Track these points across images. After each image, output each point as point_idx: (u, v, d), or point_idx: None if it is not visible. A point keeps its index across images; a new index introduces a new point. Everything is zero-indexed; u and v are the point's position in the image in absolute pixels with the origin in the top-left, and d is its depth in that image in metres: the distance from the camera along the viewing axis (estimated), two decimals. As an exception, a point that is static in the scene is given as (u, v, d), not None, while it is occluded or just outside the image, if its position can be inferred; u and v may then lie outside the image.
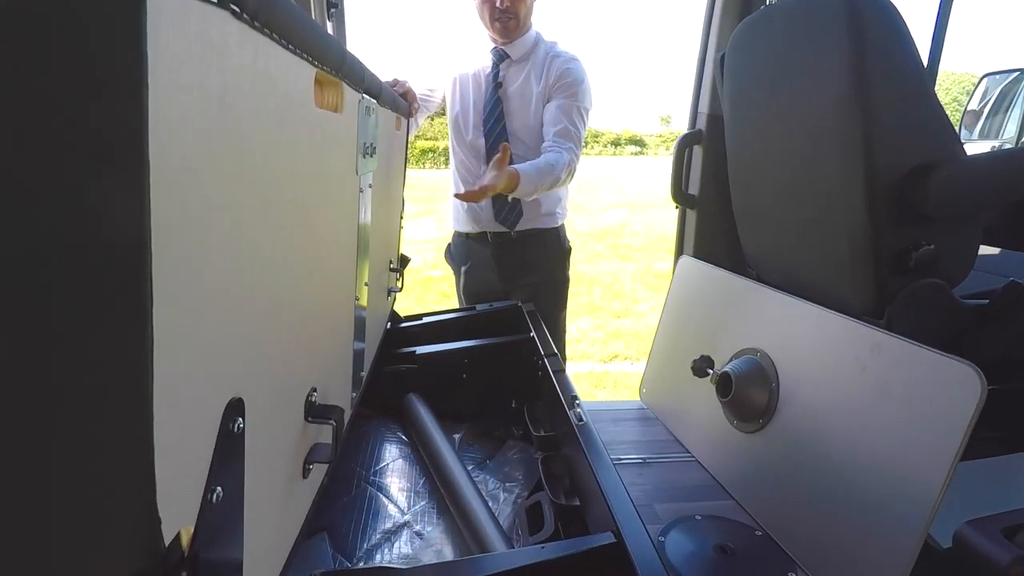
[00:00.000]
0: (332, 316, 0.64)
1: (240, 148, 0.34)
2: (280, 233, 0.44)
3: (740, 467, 1.26)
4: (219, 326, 0.34)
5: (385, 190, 1.00)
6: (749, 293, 1.35)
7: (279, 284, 0.44)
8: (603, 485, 0.67)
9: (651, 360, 1.73)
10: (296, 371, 0.51)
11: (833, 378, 1.05)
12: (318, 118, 0.50)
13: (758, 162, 1.26)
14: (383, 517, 0.96)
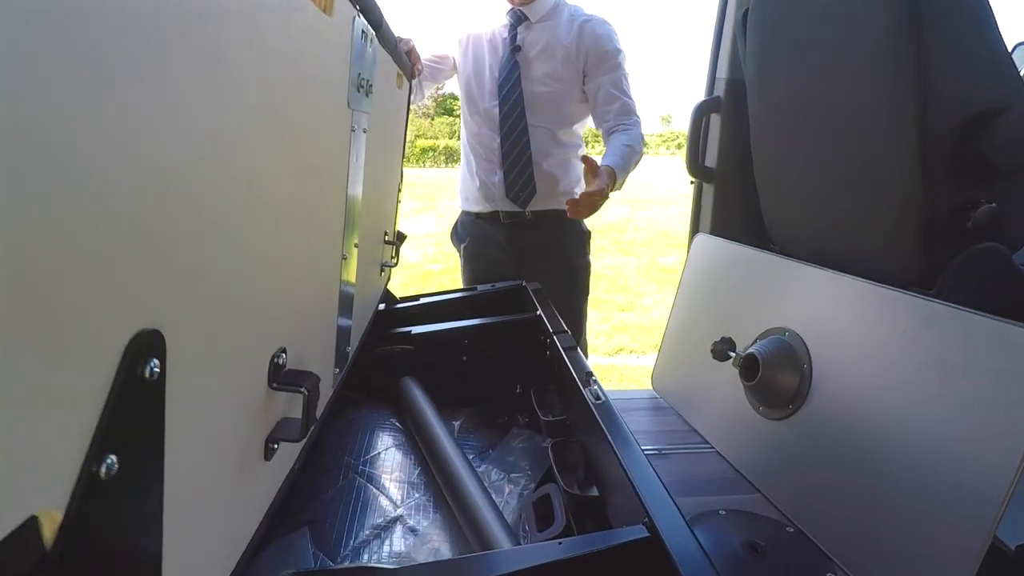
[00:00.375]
0: (310, 265, 0.53)
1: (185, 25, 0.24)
2: (235, 130, 0.33)
3: (767, 458, 1.15)
4: (128, 228, 0.23)
5: (381, 150, 0.89)
6: (775, 269, 1.24)
7: (236, 194, 0.34)
8: (630, 471, 0.56)
9: (664, 346, 1.62)
10: (256, 320, 0.40)
11: (876, 356, 0.94)
12: (303, 8, 0.39)
13: (787, 125, 1.15)
14: (373, 511, 0.85)
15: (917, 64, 0.82)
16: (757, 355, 1.12)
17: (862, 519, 0.92)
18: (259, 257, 0.40)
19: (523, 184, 1.52)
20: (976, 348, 0.78)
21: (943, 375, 0.83)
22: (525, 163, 1.51)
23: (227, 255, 0.34)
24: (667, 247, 6.65)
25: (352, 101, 0.59)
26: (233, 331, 0.36)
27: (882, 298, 0.94)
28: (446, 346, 1.15)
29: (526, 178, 1.51)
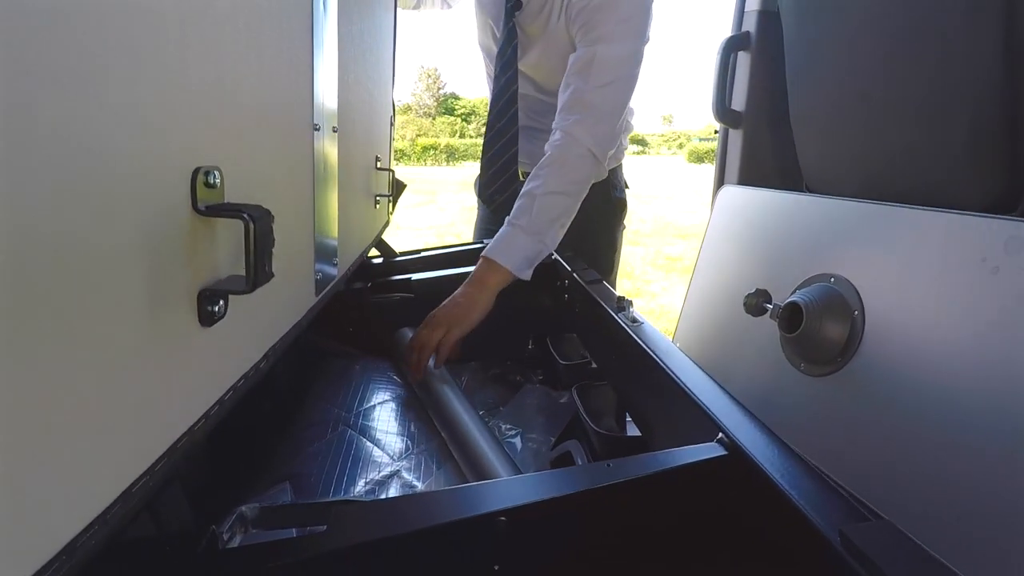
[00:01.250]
0: (263, 87, 0.40)
1: None
2: None
3: (811, 420, 1.02)
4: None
5: (360, 49, 0.76)
6: (816, 211, 1.11)
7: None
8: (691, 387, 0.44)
9: (687, 305, 1.49)
10: (165, 123, 0.27)
11: (947, 292, 0.82)
12: None
13: (835, 54, 1.03)
14: (366, 464, 0.73)
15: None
16: (800, 303, 1.00)
17: (926, 489, 0.79)
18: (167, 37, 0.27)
19: (499, 188, 1.27)
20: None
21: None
22: (505, 164, 1.25)
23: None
24: (673, 237, 6.52)
25: None
26: (120, 126, 0.24)
27: (952, 225, 0.81)
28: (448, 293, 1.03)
29: (503, 182, 1.26)
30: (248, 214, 0.31)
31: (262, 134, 0.39)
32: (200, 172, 0.30)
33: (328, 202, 0.60)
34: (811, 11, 1.08)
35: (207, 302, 0.32)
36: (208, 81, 0.32)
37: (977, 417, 0.74)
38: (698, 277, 1.40)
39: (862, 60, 0.97)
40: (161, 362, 0.28)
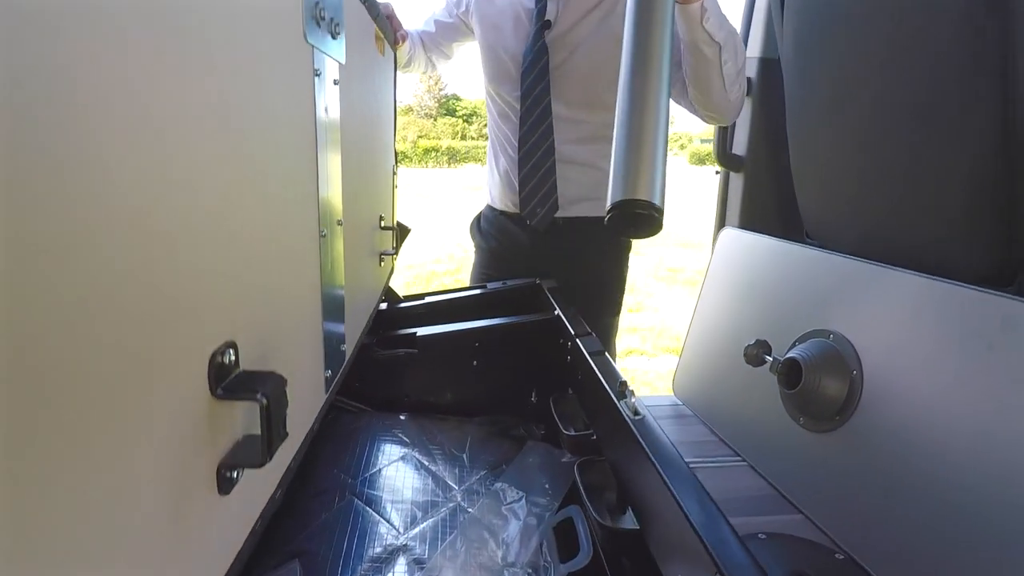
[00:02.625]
0: (270, 237, 0.42)
1: None
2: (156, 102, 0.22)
3: (809, 474, 1.04)
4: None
5: (366, 123, 0.78)
6: (816, 265, 1.12)
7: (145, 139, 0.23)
8: (688, 508, 0.45)
9: (687, 350, 1.50)
10: (181, 305, 0.29)
11: (942, 363, 0.83)
12: None
13: (834, 106, 1.04)
14: (373, 540, 0.74)
15: (1004, 35, 0.70)
16: (799, 359, 1.01)
17: (925, 547, 0.80)
18: (183, 229, 0.29)
19: (541, 199, 1.30)
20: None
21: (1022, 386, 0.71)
22: (546, 172, 1.29)
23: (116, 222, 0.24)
24: (674, 247, 6.53)
25: (311, 35, 0.48)
26: (137, 319, 0.26)
27: (951, 296, 0.83)
28: (454, 349, 1.04)
29: (545, 191, 1.29)
30: (263, 393, 0.32)
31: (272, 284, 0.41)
32: (216, 355, 0.32)
33: (334, 296, 0.62)
34: (810, 62, 1.09)
35: (225, 472, 0.33)
36: (228, 261, 0.33)
37: (970, 490, 0.75)
38: (697, 321, 1.41)
39: (860, 116, 0.99)
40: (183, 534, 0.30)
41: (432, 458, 0.92)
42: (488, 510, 0.83)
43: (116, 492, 0.24)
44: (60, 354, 0.20)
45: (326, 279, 0.55)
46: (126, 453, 0.25)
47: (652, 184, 0.59)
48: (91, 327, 0.22)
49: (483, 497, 0.85)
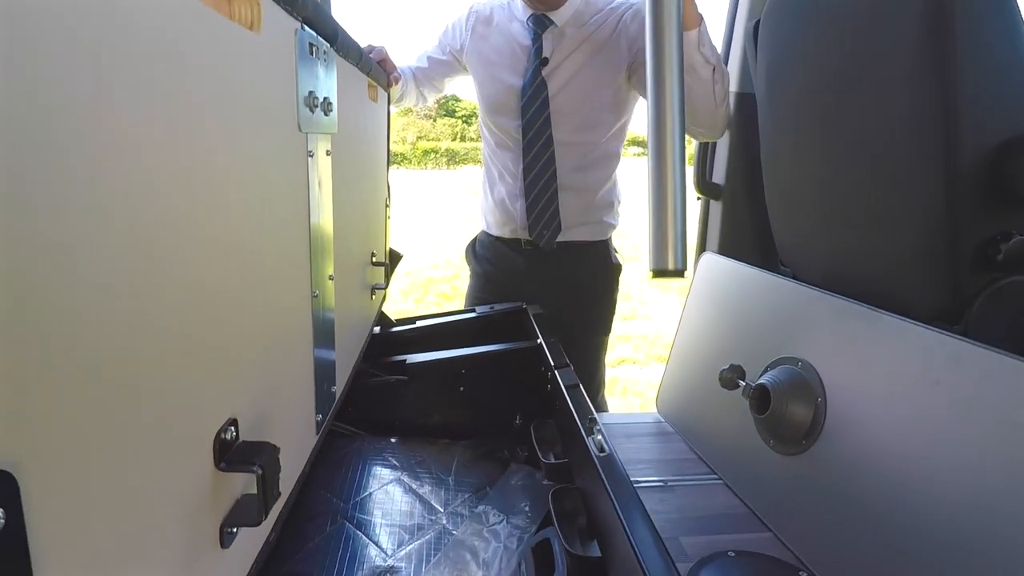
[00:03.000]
0: (268, 319, 0.48)
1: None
2: (156, 197, 0.28)
3: (778, 494, 1.09)
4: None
5: (358, 168, 0.84)
6: (787, 294, 1.18)
7: (149, 269, 0.28)
8: (635, 542, 0.51)
9: (669, 369, 1.56)
10: (189, 398, 0.34)
11: (897, 394, 0.89)
12: (215, 27, 0.34)
13: (800, 144, 1.10)
14: (363, 562, 0.80)
15: (945, 90, 0.76)
16: (768, 386, 1.07)
17: (880, 566, 0.86)
18: (191, 323, 0.35)
19: (547, 221, 1.37)
20: (1008, 393, 0.72)
21: (971, 420, 0.77)
22: (550, 197, 1.36)
23: (133, 330, 0.29)
24: (670, 252, 6.57)
25: (304, 124, 0.54)
26: (152, 418, 0.31)
27: (904, 333, 0.88)
28: (443, 376, 1.10)
29: (550, 214, 1.36)
30: (259, 464, 0.38)
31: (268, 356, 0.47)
32: (220, 433, 0.38)
33: (326, 351, 0.67)
34: (778, 99, 1.15)
35: (226, 530, 0.39)
36: (231, 347, 0.39)
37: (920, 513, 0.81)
38: (679, 341, 1.47)
39: (822, 156, 1.04)
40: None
41: (420, 481, 0.98)
42: (471, 532, 0.88)
43: (134, 549, 0.30)
44: (95, 440, 0.26)
45: (317, 335, 0.61)
46: (144, 517, 0.30)
47: (677, 254, 0.80)
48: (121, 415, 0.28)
49: (467, 519, 0.91)
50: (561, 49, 1.31)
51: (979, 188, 0.79)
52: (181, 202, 0.32)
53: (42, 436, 0.22)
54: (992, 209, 0.79)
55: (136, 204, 0.27)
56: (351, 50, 0.72)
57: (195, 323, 0.34)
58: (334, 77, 0.63)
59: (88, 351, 0.24)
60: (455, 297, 4.40)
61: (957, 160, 0.78)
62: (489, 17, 1.39)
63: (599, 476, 0.63)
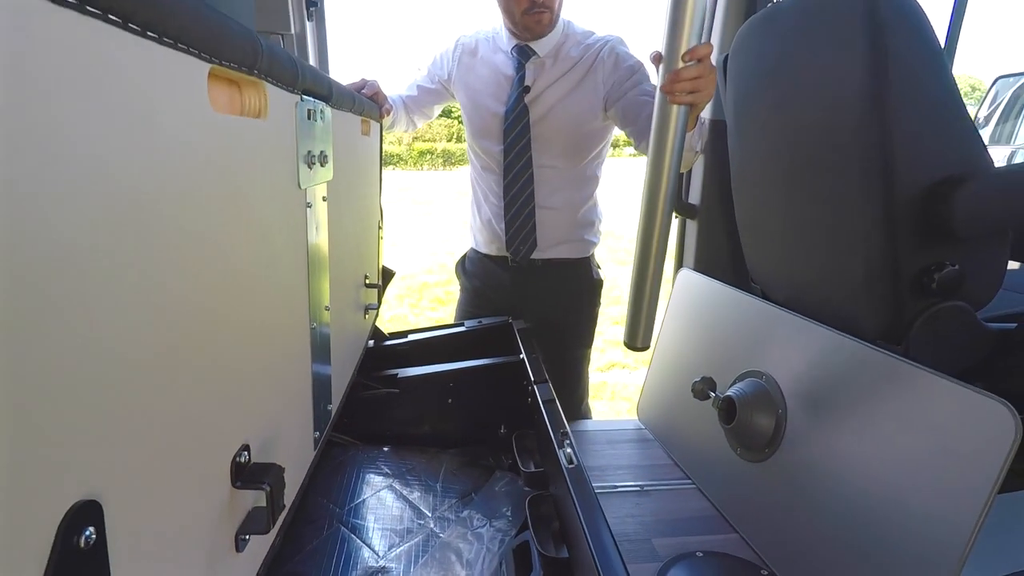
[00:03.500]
0: (275, 356, 0.56)
1: (89, 171, 0.26)
2: (179, 265, 0.35)
3: (744, 498, 1.18)
4: (62, 396, 0.26)
5: (352, 201, 0.92)
6: (753, 311, 1.27)
7: (183, 342, 0.36)
8: (593, 547, 0.59)
9: (649, 377, 1.65)
10: (214, 438, 0.42)
11: (845, 407, 0.97)
12: (223, 126, 0.41)
13: (764, 172, 1.18)
14: (357, 562, 0.88)
15: (882, 132, 0.84)
16: (734, 398, 1.15)
17: (832, 565, 0.94)
18: (212, 373, 0.42)
19: (523, 237, 1.45)
20: (941, 411, 0.81)
21: (908, 431, 0.85)
22: (528, 215, 1.45)
23: (175, 391, 0.37)
24: (662, 256, 6.66)
25: (304, 180, 0.61)
26: (188, 453, 0.39)
27: (851, 351, 0.97)
28: (432, 389, 1.18)
29: (527, 231, 1.45)
30: (267, 482, 0.46)
31: (274, 387, 0.55)
32: (236, 458, 0.45)
33: (323, 372, 0.75)
34: (744, 128, 1.23)
35: (240, 537, 0.47)
36: (243, 382, 0.47)
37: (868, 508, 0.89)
38: (659, 352, 1.55)
39: (784, 188, 1.13)
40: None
41: (410, 488, 1.06)
42: (457, 535, 0.96)
43: (174, 554, 0.38)
44: (150, 471, 0.33)
45: (315, 360, 0.69)
46: (181, 528, 0.38)
47: (647, 335, 1.07)
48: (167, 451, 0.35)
49: (453, 523, 0.99)
50: (543, 78, 1.39)
51: (915, 222, 0.87)
52: (202, 262, 0.39)
53: (116, 472, 0.29)
54: (927, 241, 0.88)
55: (171, 267, 0.35)
56: (344, 100, 0.80)
57: (218, 369, 0.42)
58: (330, 130, 0.71)
59: (144, 402, 0.32)
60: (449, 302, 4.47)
61: (895, 197, 0.86)
62: (475, 49, 1.47)
63: (567, 485, 0.71)
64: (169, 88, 0.33)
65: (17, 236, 0.21)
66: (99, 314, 0.27)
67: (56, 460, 0.25)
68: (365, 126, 1.04)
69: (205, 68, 0.36)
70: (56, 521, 0.25)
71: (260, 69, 0.45)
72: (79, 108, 0.25)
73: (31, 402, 0.23)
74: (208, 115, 0.38)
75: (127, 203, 0.29)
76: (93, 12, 0.25)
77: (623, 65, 1.37)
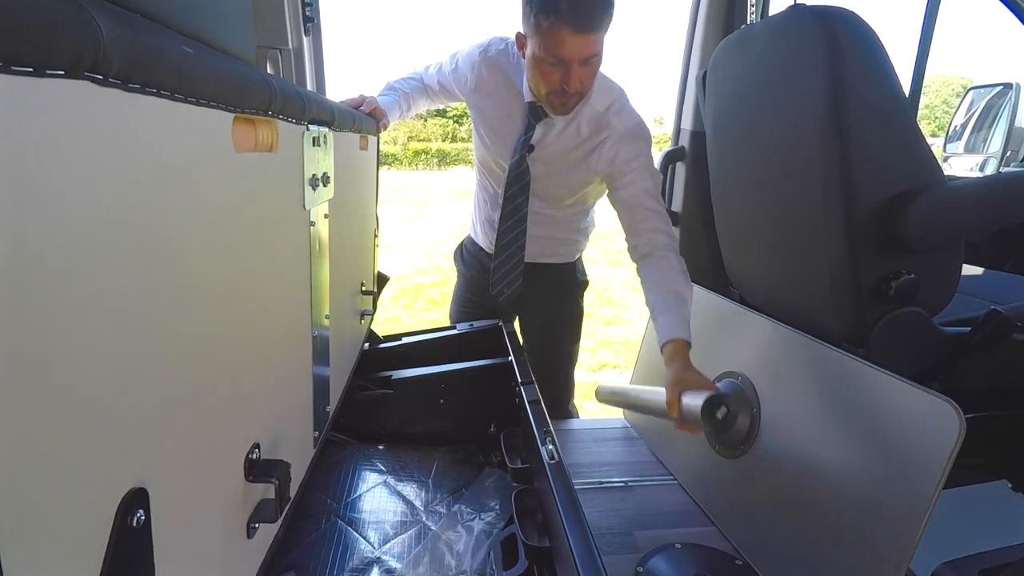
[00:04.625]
0: (281, 361, 0.62)
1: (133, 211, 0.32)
2: (203, 284, 0.41)
3: (721, 493, 1.24)
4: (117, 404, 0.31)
5: (349, 214, 0.97)
6: (730, 315, 1.33)
7: (203, 347, 0.42)
8: (571, 537, 0.65)
9: (635, 378, 1.71)
10: (231, 435, 0.48)
11: (812, 406, 1.04)
12: (243, 163, 0.47)
13: (739, 183, 1.24)
14: (353, 554, 0.93)
15: (841, 151, 0.91)
16: (713, 397, 1.21)
17: (798, 555, 1.01)
18: (230, 377, 0.48)
19: (508, 282, 1.46)
20: (893, 408, 0.87)
21: (864, 428, 0.92)
22: (514, 265, 1.45)
23: (201, 391, 0.43)
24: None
25: (308, 202, 0.67)
26: (211, 455, 0.45)
27: (817, 353, 1.03)
28: (425, 390, 1.24)
29: (513, 276, 1.46)
30: (276, 477, 0.51)
31: (280, 390, 0.61)
32: (248, 455, 0.51)
33: (323, 375, 0.81)
34: (722, 141, 1.29)
35: (251, 525, 0.53)
36: (253, 381, 0.53)
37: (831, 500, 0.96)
38: (643, 354, 1.62)
39: (757, 198, 1.19)
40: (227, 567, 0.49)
41: (404, 483, 1.12)
42: (447, 527, 1.02)
43: (199, 538, 0.43)
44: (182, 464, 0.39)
45: (315, 366, 0.75)
46: (205, 516, 0.44)
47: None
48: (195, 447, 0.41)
49: (444, 517, 1.05)
50: (550, 141, 1.35)
51: (873, 234, 0.93)
52: (223, 283, 0.45)
53: (156, 464, 0.35)
54: (885, 252, 0.94)
55: (200, 290, 0.40)
56: (345, 121, 0.85)
57: (235, 375, 0.48)
58: (332, 152, 0.77)
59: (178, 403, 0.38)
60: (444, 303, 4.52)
61: (854, 211, 0.93)
62: (494, 87, 1.39)
63: (548, 480, 0.77)
64: (203, 137, 0.39)
65: (88, 263, 0.27)
66: (142, 332, 0.33)
67: (115, 452, 0.31)
68: (363, 141, 1.10)
69: (230, 117, 0.42)
70: (116, 503, 0.31)
71: (274, 110, 0.51)
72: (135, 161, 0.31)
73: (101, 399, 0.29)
74: (230, 155, 0.44)
75: (166, 237, 0.35)
76: (149, 91, 0.31)
77: (622, 159, 1.28)
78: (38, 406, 0.25)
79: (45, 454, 0.25)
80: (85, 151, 0.27)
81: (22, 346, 0.23)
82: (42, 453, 0.25)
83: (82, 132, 0.26)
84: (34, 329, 0.24)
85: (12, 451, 0.23)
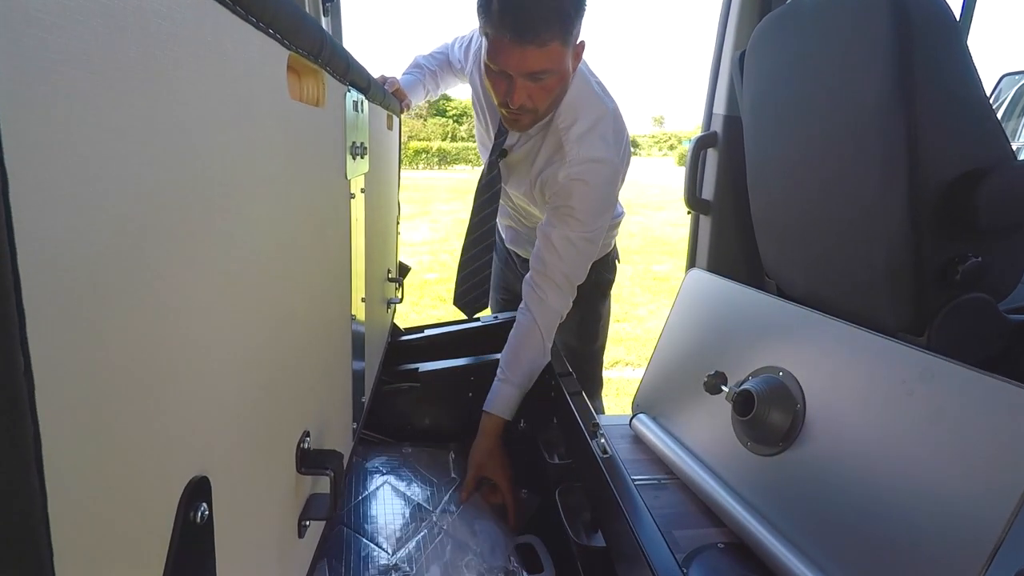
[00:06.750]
0: (325, 345, 0.56)
1: (185, 149, 0.26)
2: (254, 258, 0.35)
3: (751, 493, 1.18)
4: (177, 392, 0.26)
5: (379, 195, 0.92)
6: (770, 309, 1.27)
7: (256, 322, 0.36)
8: (640, 536, 0.59)
9: (648, 375, 1.65)
10: (283, 420, 0.42)
11: (873, 403, 0.98)
12: (295, 112, 0.41)
13: (782, 167, 1.19)
14: (367, 559, 0.87)
15: (907, 126, 0.85)
16: (753, 391, 1.16)
17: (849, 559, 0.95)
18: (283, 364, 0.42)
19: (471, 300, 1.39)
20: (974, 404, 0.82)
21: (940, 428, 0.86)
22: (478, 283, 1.39)
23: (258, 376, 0.37)
24: (660, 254, 6.70)
25: (349, 171, 0.62)
26: (267, 442, 0.39)
27: (879, 348, 0.97)
28: (452, 383, 1.18)
29: (475, 296, 1.39)
30: (331, 468, 0.46)
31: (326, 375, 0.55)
32: (300, 443, 0.46)
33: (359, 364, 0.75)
34: (763, 125, 1.24)
35: (303, 523, 0.47)
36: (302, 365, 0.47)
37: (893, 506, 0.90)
38: (661, 348, 1.56)
39: (804, 184, 1.14)
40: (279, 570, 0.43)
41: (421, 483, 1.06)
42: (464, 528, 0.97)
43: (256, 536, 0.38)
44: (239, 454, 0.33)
45: (354, 352, 0.69)
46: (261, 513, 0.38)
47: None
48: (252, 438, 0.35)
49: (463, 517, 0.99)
50: (520, 148, 1.26)
51: (939, 215, 0.88)
52: (274, 259, 0.39)
53: (217, 455, 0.30)
54: (950, 234, 0.89)
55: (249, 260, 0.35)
56: (376, 92, 0.80)
57: (285, 358, 0.42)
58: (367, 122, 0.71)
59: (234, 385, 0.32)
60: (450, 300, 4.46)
61: (919, 190, 0.87)
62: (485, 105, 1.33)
63: (603, 476, 0.71)
64: (259, 72, 0.33)
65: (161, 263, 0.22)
66: (203, 316, 0.28)
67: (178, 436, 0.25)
68: (389, 121, 1.05)
69: (285, 55, 0.37)
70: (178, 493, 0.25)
71: (323, 59, 0.45)
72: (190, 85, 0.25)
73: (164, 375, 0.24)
74: (285, 101, 0.38)
75: (223, 194, 0.29)
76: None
77: (559, 199, 1.15)
78: (104, 388, 0.20)
79: (108, 442, 0.20)
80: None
81: (91, 326, 0.19)
82: (105, 441, 0.20)
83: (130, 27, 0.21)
84: (97, 305, 0.20)
85: (76, 442, 0.18)
